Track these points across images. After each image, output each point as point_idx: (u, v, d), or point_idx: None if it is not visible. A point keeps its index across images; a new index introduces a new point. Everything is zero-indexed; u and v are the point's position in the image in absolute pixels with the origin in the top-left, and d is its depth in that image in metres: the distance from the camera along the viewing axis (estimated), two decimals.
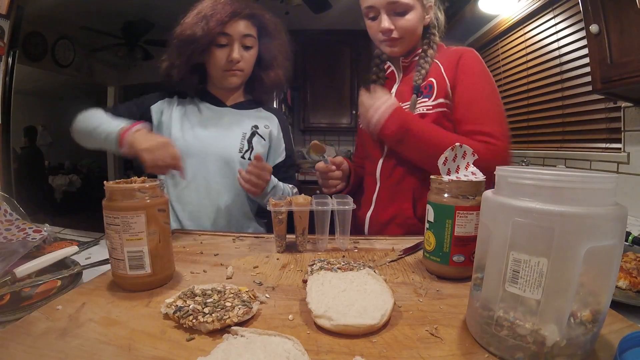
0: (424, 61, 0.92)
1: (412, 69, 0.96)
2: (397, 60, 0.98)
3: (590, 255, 0.33)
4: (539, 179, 0.36)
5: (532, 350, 0.36)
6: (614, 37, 1.09)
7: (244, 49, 0.97)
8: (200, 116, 1.02)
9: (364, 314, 0.43)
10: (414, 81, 0.92)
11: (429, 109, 0.88)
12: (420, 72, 0.91)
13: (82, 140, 0.91)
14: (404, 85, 0.96)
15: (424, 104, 0.89)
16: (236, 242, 0.81)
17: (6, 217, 0.82)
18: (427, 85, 0.90)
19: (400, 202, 0.93)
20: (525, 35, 2.16)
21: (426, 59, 0.92)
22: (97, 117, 0.90)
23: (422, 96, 0.90)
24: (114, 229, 0.52)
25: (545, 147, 2.04)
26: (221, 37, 0.93)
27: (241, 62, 0.96)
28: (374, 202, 0.99)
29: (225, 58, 0.95)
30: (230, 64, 0.95)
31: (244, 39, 0.95)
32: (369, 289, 0.50)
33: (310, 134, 3.96)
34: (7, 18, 1.50)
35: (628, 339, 0.35)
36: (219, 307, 0.45)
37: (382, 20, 0.88)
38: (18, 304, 0.51)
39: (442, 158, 0.62)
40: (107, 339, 0.40)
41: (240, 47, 0.96)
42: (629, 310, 0.50)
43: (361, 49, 3.43)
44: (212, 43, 0.93)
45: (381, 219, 0.97)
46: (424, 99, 0.89)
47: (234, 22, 0.93)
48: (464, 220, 0.57)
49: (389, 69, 1.01)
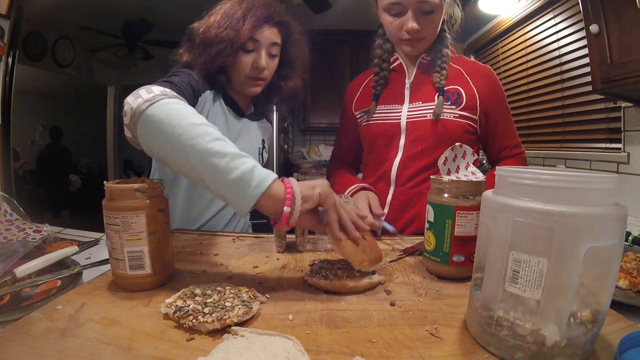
0: (442, 61, 0.90)
1: (429, 66, 0.93)
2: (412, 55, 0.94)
3: (590, 255, 0.33)
4: (539, 179, 0.36)
5: (532, 350, 0.36)
6: (614, 37, 1.08)
7: (269, 57, 0.91)
8: (226, 125, 0.95)
9: None
10: (437, 82, 0.89)
11: (455, 116, 0.88)
12: (441, 72, 0.90)
13: (158, 143, 0.54)
14: (421, 83, 0.93)
15: (450, 111, 0.88)
16: (236, 242, 0.81)
17: (6, 217, 0.82)
18: (453, 91, 0.89)
19: (421, 204, 0.89)
20: (525, 35, 2.16)
21: (443, 58, 0.91)
22: (201, 122, 0.54)
23: (449, 102, 0.89)
24: (114, 229, 0.52)
25: (545, 147, 2.04)
26: (249, 43, 0.86)
27: (266, 70, 0.90)
28: (388, 206, 0.95)
29: (251, 64, 0.88)
30: (256, 71, 0.89)
31: (271, 47, 0.89)
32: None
33: (310, 134, 3.96)
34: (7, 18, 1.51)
35: (628, 339, 0.35)
36: (219, 307, 0.45)
37: (409, 19, 0.83)
38: (18, 304, 0.51)
39: (442, 158, 0.62)
40: (107, 339, 0.40)
41: (267, 54, 0.89)
42: (629, 310, 0.50)
43: (361, 49, 3.43)
44: (239, 47, 0.86)
45: (397, 225, 0.93)
46: (451, 106, 0.88)
47: (264, 28, 0.87)
48: (464, 220, 0.57)
49: (395, 62, 0.97)
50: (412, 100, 0.93)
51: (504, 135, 0.94)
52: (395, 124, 0.93)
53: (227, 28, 0.83)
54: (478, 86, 0.90)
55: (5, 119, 1.65)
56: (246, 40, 0.85)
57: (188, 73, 0.84)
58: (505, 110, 0.95)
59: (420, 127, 0.90)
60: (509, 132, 0.95)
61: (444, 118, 0.88)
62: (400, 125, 0.92)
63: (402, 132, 0.93)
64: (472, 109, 0.89)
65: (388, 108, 0.95)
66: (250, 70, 0.89)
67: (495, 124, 0.93)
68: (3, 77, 1.60)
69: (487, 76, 0.92)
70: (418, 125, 0.90)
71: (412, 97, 0.93)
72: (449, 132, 0.88)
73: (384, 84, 0.98)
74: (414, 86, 0.94)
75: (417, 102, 0.92)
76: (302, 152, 3.64)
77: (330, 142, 3.90)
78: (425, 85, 0.92)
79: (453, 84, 0.90)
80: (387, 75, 0.98)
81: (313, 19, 2.90)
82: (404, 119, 0.92)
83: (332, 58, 3.55)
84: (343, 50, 3.56)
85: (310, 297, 0.52)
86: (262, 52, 0.88)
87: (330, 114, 3.65)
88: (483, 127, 0.93)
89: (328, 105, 3.63)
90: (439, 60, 0.91)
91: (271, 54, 0.91)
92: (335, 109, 3.65)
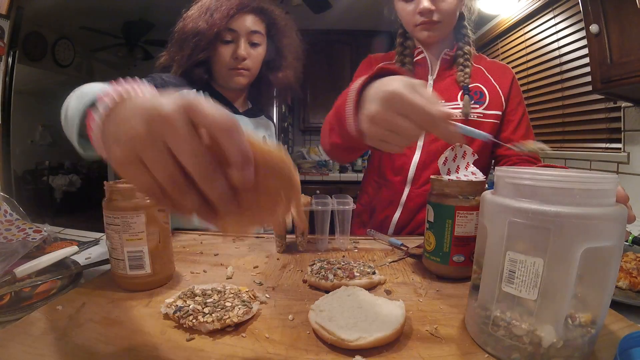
0: (464, 59, 0.88)
1: (451, 63, 0.91)
2: (433, 47, 0.91)
3: (587, 256, 0.33)
4: (537, 179, 0.35)
5: (529, 351, 0.36)
6: (614, 37, 1.09)
7: (251, 46, 0.89)
8: None
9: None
10: (460, 81, 0.87)
11: (479, 116, 0.86)
12: (464, 71, 0.87)
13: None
14: (443, 81, 0.90)
15: (474, 110, 0.86)
16: (236, 242, 0.81)
17: (6, 217, 0.82)
18: (476, 90, 0.88)
19: None
20: (525, 35, 2.15)
21: (465, 56, 0.88)
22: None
23: (472, 101, 0.87)
24: (114, 229, 0.52)
25: None
26: (226, 33, 0.85)
27: (247, 60, 0.88)
28: (402, 206, 0.92)
29: (231, 55, 0.87)
30: (236, 61, 0.87)
31: (251, 36, 0.88)
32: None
33: (310, 134, 3.96)
34: (7, 18, 1.51)
35: (628, 339, 0.35)
36: (219, 307, 0.45)
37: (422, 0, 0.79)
38: (18, 304, 0.51)
39: (442, 158, 0.62)
40: (107, 339, 0.40)
41: (247, 44, 0.88)
42: (629, 310, 0.50)
43: (361, 49, 3.43)
44: (216, 39, 0.85)
45: (411, 225, 0.92)
46: (475, 105, 0.87)
47: (240, 16, 0.86)
48: (464, 220, 0.57)
49: (418, 55, 0.92)
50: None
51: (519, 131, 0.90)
52: None
53: (201, 20, 0.83)
54: (501, 84, 0.88)
55: (5, 119, 1.65)
56: (222, 31, 0.84)
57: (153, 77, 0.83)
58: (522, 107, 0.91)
59: None
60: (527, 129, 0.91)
61: (471, 119, 0.86)
62: None
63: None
64: (495, 108, 0.88)
65: None
66: (230, 61, 0.88)
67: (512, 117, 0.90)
68: (3, 77, 1.60)
69: (512, 76, 0.91)
70: None
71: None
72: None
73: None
74: (437, 83, 0.91)
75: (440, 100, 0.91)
76: (302, 152, 3.64)
77: None
78: (448, 83, 0.90)
79: (475, 82, 0.88)
80: (410, 69, 0.94)
81: (313, 19, 2.90)
82: None
83: (332, 58, 3.54)
84: (343, 50, 3.56)
85: (310, 297, 0.52)
86: (241, 41, 0.87)
87: None
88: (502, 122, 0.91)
89: (328, 105, 3.56)
90: (461, 57, 0.88)
91: (253, 43, 0.89)
92: None
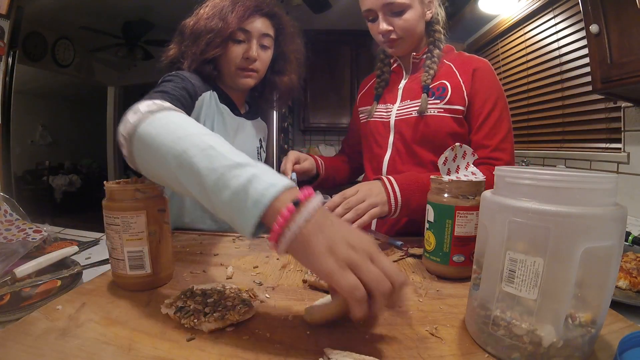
0: (431, 61, 0.91)
1: (420, 66, 0.95)
2: (406, 55, 0.96)
3: (587, 256, 0.33)
4: (537, 178, 0.36)
5: (529, 351, 0.36)
6: (614, 37, 1.09)
7: (261, 48, 0.91)
8: (224, 125, 0.93)
9: None
10: (423, 81, 0.91)
11: (439, 111, 0.88)
12: (429, 72, 0.91)
13: (151, 164, 0.49)
14: (412, 83, 0.95)
15: (434, 105, 0.89)
16: (236, 242, 0.81)
17: (6, 217, 0.83)
18: (439, 86, 0.90)
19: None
20: (525, 35, 2.16)
21: (433, 59, 0.92)
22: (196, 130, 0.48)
23: (434, 97, 0.89)
24: (114, 229, 0.52)
25: (545, 147, 2.04)
26: (240, 33, 0.86)
27: (257, 61, 0.90)
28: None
29: (242, 55, 0.88)
30: (247, 61, 0.89)
31: (262, 38, 0.90)
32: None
33: (310, 133, 3.96)
34: (7, 18, 1.51)
35: (628, 339, 0.35)
36: (219, 306, 0.45)
37: (380, 22, 0.87)
38: (18, 304, 0.51)
39: (442, 158, 0.62)
40: (107, 339, 0.40)
41: (258, 46, 0.90)
42: (629, 310, 0.50)
43: (361, 49, 3.43)
44: (229, 37, 0.86)
45: (389, 222, 0.95)
46: (435, 100, 0.89)
47: (254, 18, 0.88)
48: (464, 220, 0.57)
49: (394, 64, 1.01)
50: (403, 99, 0.95)
51: (479, 130, 0.87)
52: (385, 122, 0.97)
53: (216, 18, 0.84)
54: (465, 79, 0.88)
55: (5, 119, 1.65)
56: (235, 31, 0.86)
57: (181, 77, 0.82)
58: (491, 105, 0.87)
59: (407, 124, 0.92)
60: (486, 127, 0.86)
61: (428, 114, 0.88)
62: (390, 124, 0.95)
63: (391, 129, 0.96)
64: (457, 102, 0.87)
65: (382, 107, 0.99)
66: (241, 61, 0.89)
67: (474, 114, 0.88)
68: (3, 77, 1.60)
69: (478, 69, 0.89)
70: (404, 122, 0.92)
71: (404, 96, 0.95)
72: (433, 128, 0.88)
73: (384, 85, 1.02)
74: (407, 87, 0.96)
75: (406, 101, 0.94)
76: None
77: (330, 142, 3.91)
78: (415, 85, 0.94)
79: (441, 79, 0.90)
80: (387, 78, 1.02)
81: (313, 19, 2.90)
82: (393, 117, 0.95)
83: (332, 58, 3.55)
84: (343, 50, 3.56)
85: (310, 297, 0.52)
86: (253, 42, 0.88)
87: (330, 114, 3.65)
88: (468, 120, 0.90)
89: (328, 105, 3.63)
90: (429, 60, 0.92)
91: (263, 45, 0.91)
92: (335, 109, 3.66)
